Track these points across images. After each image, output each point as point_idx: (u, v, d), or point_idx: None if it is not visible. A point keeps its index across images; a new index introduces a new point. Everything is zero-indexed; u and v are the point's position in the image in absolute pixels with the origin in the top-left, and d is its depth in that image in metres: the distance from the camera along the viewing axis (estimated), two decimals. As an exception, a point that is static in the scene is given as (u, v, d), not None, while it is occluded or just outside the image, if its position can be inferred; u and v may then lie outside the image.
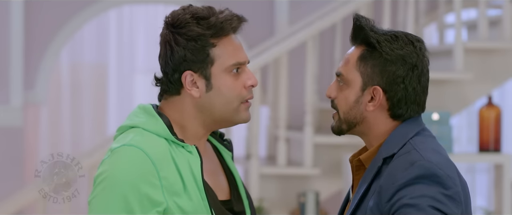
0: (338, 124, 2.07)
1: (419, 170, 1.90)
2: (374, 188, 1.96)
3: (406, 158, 1.93)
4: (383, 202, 1.92)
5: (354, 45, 2.07)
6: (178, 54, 2.02)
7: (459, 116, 8.33)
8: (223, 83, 2.04)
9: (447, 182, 1.90)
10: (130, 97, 7.91)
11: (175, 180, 1.97)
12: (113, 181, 1.94)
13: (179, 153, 2.01)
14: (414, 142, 1.98)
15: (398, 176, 1.90)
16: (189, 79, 2.03)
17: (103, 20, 7.79)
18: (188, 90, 2.03)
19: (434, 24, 7.04)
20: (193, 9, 2.05)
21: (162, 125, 2.02)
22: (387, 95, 2.01)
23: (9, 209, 4.94)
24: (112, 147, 2.00)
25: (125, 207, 1.92)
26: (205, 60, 2.02)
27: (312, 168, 5.01)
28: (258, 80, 4.96)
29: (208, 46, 2.02)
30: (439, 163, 1.93)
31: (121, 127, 2.07)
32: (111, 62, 7.90)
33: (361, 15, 2.06)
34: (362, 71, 2.02)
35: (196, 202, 1.98)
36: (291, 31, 5.83)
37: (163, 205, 1.95)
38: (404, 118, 2.03)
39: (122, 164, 1.95)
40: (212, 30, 2.02)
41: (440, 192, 1.88)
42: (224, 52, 2.03)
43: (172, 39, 2.03)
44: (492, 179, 6.44)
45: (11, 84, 6.44)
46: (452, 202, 1.89)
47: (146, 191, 1.93)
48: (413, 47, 2.02)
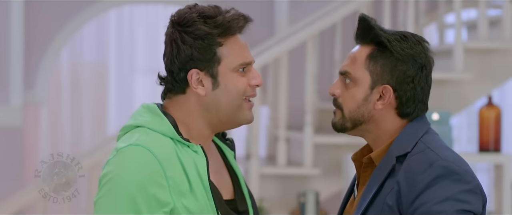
0: (342, 121, 2.07)
1: (438, 170, 1.93)
2: (389, 186, 1.98)
3: (423, 158, 1.96)
4: (403, 203, 1.94)
5: (360, 44, 2.08)
6: (184, 52, 2.02)
7: (459, 116, 8.34)
8: (230, 81, 2.04)
9: (467, 178, 1.94)
10: (130, 97, 7.90)
11: (181, 180, 1.97)
12: (119, 181, 1.93)
13: (185, 152, 2.01)
14: (425, 140, 2.01)
15: (418, 178, 1.93)
16: (195, 77, 2.03)
17: (103, 20, 7.79)
18: (194, 88, 2.03)
19: (434, 24, 7.04)
20: (200, 8, 2.04)
21: (168, 124, 2.01)
22: (396, 94, 2.03)
23: (9, 209, 4.94)
24: (118, 147, 1.99)
25: (133, 207, 1.92)
26: (212, 59, 2.02)
27: (312, 168, 5.01)
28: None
29: (215, 45, 2.02)
30: (455, 160, 1.96)
31: (125, 126, 2.06)
32: (111, 62, 7.90)
33: (366, 14, 2.07)
34: (371, 70, 2.03)
35: (202, 202, 1.98)
36: (291, 31, 5.83)
37: (170, 206, 1.94)
38: (412, 117, 2.05)
39: (128, 164, 1.94)
40: (220, 29, 2.02)
41: (462, 190, 1.91)
42: (230, 51, 2.04)
43: (178, 38, 2.02)
44: (492, 179, 6.43)
45: (11, 84, 6.44)
46: (474, 196, 1.93)
47: (154, 191, 1.93)
48: (422, 47, 2.04)
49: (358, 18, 2.08)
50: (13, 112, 6.44)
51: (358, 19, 2.08)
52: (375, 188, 2.00)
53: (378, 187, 1.99)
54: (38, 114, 6.96)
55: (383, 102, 2.04)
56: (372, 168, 2.07)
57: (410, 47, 2.03)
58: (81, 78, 7.77)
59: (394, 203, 1.95)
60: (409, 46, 2.03)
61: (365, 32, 2.06)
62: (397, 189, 1.96)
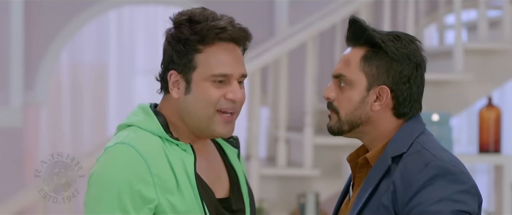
0: (339, 124, 2.07)
1: (434, 170, 1.93)
2: (385, 186, 1.98)
3: (419, 159, 1.96)
4: (399, 203, 1.94)
5: (353, 46, 2.08)
6: (167, 53, 2.05)
7: (459, 117, 8.34)
8: (200, 89, 2.02)
9: (462, 178, 1.94)
10: (130, 98, 7.91)
11: (168, 177, 1.98)
12: (105, 179, 1.95)
13: (173, 151, 2.01)
14: (421, 141, 2.01)
15: (414, 178, 1.93)
16: (173, 79, 2.04)
17: (103, 21, 7.79)
18: (170, 89, 2.05)
19: (434, 25, 7.04)
20: (194, 12, 2.04)
21: (157, 123, 2.03)
22: (393, 94, 2.03)
23: (9, 210, 4.94)
24: (106, 146, 2.02)
25: (118, 204, 1.93)
26: (188, 64, 2.02)
27: (312, 169, 5.01)
28: (258, 81, 4.98)
29: (193, 51, 2.02)
30: (451, 160, 1.96)
31: (119, 125, 2.09)
32: (111, 63, 7.90)
33: (357, 16, 2.07)
34: (366, 71, 2.03)
35: (189, 200, 1.98)
36: (291, 32, 5.83)
37: (154, 202, 1.95)
38: (408, 116, 2.05)
39: (114, 162, 1.97)
40: (198, 35, 2.01)
41: (458, 190, 1.91)
42: (207, 60, 2.02)
43: (167, 38, 2.05)
44: (492, 180, 6.44)
45: (11, 85, 6.44)
46: (469, 196, 1.93)
47: (138, 188, 1.94)
48: (415, 46, 2.05)
49: (349, 20, 2.07)
50: (13, 113, 6.44)
51: (349, 21, 2.07)
52: (370, 188, 2.00)
53: (373, 187, 1.99)
54: (38, 114, 6.96)
55: (381, 103, 2.03)
56: (368, 168, 2.07)
57: (404, 47, 2.03)
58: (81, 79, 7.77)
59: (390, 203, 1.95)
60: (403, 46, 2.03)
61: (357, 33, 2.06)
62: (393, 189, 1.96)
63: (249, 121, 5.22)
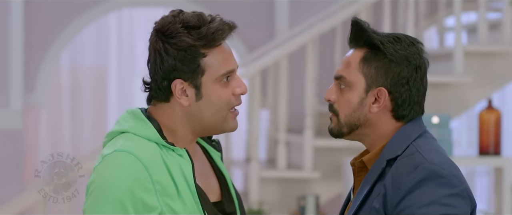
0: (338, 127, 2.06)
1: (423, 173, 1.90)
2: (378, 189, 1.97)
3: (410, 161, 1.94)
4: (389, 206, 1.93)
5: (354, 47, 2.07)
6: (168, 63, 2.00)
7: (459, 119, 8.34)
8: (213, 92, 2.02)
9: (453, 181, 1.91)
10: (130, 100, 7.91)
11: (168, 184, 1.97)
12: (107, 188, 1.93)
13: (170, 156, 2.00)
14: (417, 144, 1.99)
15: (403, 181, 1.91)
16: (179, 87, 2.01)
17: (103, 23, 7.79)
18: (177, 98, 2.02)
19: (434, 27, 7.04)
20: (184, 18, 2.01)
21: (152, 129, 2.01)
22: (392, 96, 2.02)
23: (10, 212, 4.94)
24: (103, 153, 1.99)
25: (121, 213, 1.92)
26: (196, 70, 2.00)
27: (312, 172, 5.01)
28: (258, 83, 4.99)
29: (198, 56, 2.00)
30: (442, 163, 1.94)
31: (110, 132, 2.05)
32: (111, 65, 7.91)
33: (359, 18, 2.07)
34: (365, 73, 2.02)
35: (190, 206, 1.98)
36: (291, 34, 5.83)
37: (157, 210, 1.94)
38: (407, 119, 2.04)
39: (114, 170, 1.94)
40: (203, 40, 1.99)
41: (447, 194, 1.89)
42: (214, 61, 2.01)
43: (162, 48, 2.00)
44: (492, 182, 6.44)
45: (11, 87, 6.44)
46: (460, 200, 1.90)
47: (141, 195, 1.92)
48: (416, 48, 2.03)
49: (351, 22, 2.07)
50: (13, 115, 6.44)
51: (351, 23, 2.07)
52: (365, 192, 1.99)
53: (367, 191, 1.98)
54: (38, 117, 6.96)
55: (379, 105, 2.02)
56: (366, 172, 2.07)
57: (404, 49, 2.01)
58: (81, 81, 7.78)
59: (381, 206, 1.94)
60: (403, 48, 2.01)
61: (358, 35, 2.05)
62: (384, 192, 1.94)
63: (249, 123, 5.22)
